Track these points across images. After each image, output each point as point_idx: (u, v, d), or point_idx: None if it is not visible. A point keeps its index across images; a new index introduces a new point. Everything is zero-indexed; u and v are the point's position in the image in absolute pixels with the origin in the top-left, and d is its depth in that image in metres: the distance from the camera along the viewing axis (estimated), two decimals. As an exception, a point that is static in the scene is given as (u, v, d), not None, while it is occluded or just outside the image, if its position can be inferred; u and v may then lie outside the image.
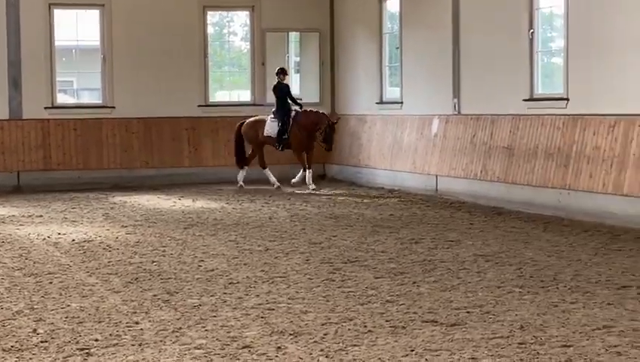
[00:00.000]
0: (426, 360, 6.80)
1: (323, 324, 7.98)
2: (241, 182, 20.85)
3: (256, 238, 13.29)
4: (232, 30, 28.11)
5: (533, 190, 16.11)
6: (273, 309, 8.63)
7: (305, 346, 7.24)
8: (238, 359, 6.90)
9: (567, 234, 13.41)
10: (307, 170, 20.34)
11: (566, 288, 9.49)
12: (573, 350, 7.06)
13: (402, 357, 6.89)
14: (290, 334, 7.64)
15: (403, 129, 20.70)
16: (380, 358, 6.85)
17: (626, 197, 14.04)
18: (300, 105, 20.67)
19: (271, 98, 21.33)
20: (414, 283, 9.87)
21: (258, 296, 9.27)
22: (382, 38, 22.08)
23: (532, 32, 16.94)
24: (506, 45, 17.42)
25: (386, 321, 8.07)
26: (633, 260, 11.12)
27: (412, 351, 7.06)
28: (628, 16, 14.46)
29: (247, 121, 20.99)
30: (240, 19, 25.29)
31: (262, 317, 8.28)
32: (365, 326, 7.88)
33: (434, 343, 7.30)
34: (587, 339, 7.39)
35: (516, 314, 8.29)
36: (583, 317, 8.15)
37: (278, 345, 7.28)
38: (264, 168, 20.92)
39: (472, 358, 6.85)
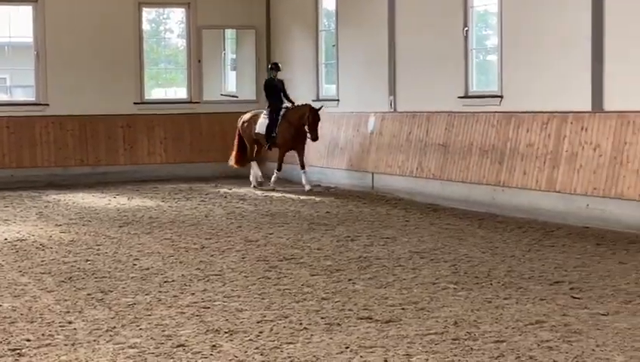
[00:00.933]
0: (361, 356, 6.81)
1: (258, 322, 7.96)
2: (254, 182, 20.10)
3: (192, 236, 13.23)
4: (168, 27, 27.99)
5: (468, 187, 16.26)
6: (208, 307, 8.59)
7: (240, 344, 7.22)
8: (173, 358, 6.86)
9: (501, 230, 13.54)
10: (302, 170, 19.53)
11: (500, 284, 9.57)
12: (506, 345, 7.11)
13: (337, 354, 6.90)
14: (226, 332, 7.62)
15: (339, 126, 20.74)
16: (314, 355, 6.85)
17: (558, 194, 14.22)
18: (292, 102, 19.80)
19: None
20: (350, 280, 9.89)
21: (193, 294, 9.23)
22: (318, 36, 22.10)
23: (467, 31, 17.08)
24: (441, 43, 17.55)
25: (322, 318, 8.08)
26: (565, 256, 11.25)
27: (347, 347, 7.07)
28: (560, 14, 14.64)
29: (244, 115, 20.57)
30: (176, 16, 25.19)
31: (197, 316, 8.25)
32: (301, 324, 7.88)
33: (369, 340, 7.31)
34: (520, 335, 7.45)
35: (450, 311, 8.34)
36: (516, 313, 8.22)
37: (213, 344, 7.25)
38: (251, 161, 20.39)
39: (407, 354, 6.87)
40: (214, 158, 22.77)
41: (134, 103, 22.67)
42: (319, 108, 19.11)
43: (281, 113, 19.50)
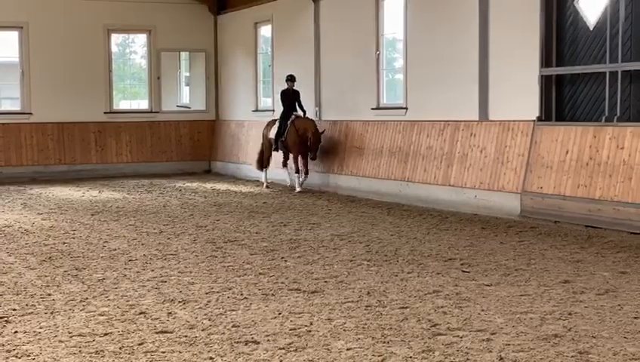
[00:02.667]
0: (291, 321, 6.78)
1: (207, 293, 7.90)
2: (265, 182, 18.77)
3: (152, 223, 13.09)
4: (133, 49, 27.74)
5: (379, 181, 16.33)
6: (165, 281, 8.51)
7: (191, 311, 7.16)
8: (135, 323, 6.77)
9: (406, 217, 13.60)
10: (298, 173, 17.78)
11: (404, 261, 9.60)
12: (409, 310, 7.13)
13: (271, 319, 6.87)
14: (180, 302, 7.54)
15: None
16: (253, 320, 6.81)
17: (452, 187, 14.34)
18: (305, 112, 18.02)
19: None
20: (282, 258, 9.86)
21: (153, 270, 9.13)
22: (257, 58, 22.06)
23: (378, 54, 17.14)
24: (358, 64, 17.60)
25: (259, 290, 8.04)
26: (457, 238, 11.34)
27: (279, 314, 7.05)
28: (453, 42, 14.75)
29: (269, 121, 19.02)
30: (140, 41, 24.97)
31: (156, 288, 8.16)
32: (242, 294, 7.83)
33: (297, 307, 7.30)
34: (420, 302, 7.48)
35: (364, 283, 8.35)
36: (417, 284, 8.25)
37: (169, 311, 7.18)
38: (265, 167, 18.72)
39: (328, 319, 6.86)
40: (171, 158, 22.98)
41: (104, 113, 22.41)
42: (322, 132, 17.34)
43: (290, 120, 17.76)
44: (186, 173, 22.62)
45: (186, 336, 6.32)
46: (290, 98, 17.98)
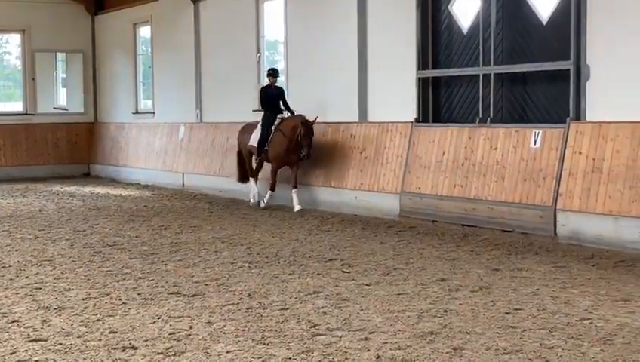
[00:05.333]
0: (170, 325, 6.71)
1: (84, 299, 7.73)
2: (254, 200, 15.22)
3: (27, 228, 12.71)
4: (7, 50, 26.91)
5: (261, 184, 16.27)
6: (41, 288, 8.28)
7: (67, 318, 6.99)
8: (8, 332, 6.56)
9: (288, 218, 13.64)
10: (293, 189, 14.39)
11: (285, 262, 9.63)
12: (289, 312, 7.16)
13: (150, 323, 6.78)
14: (55, 309, 7.35)
15: (155, 134, 20.45)
16: (131, 325, 6.71)
17: (333, 189, 14.44)
18: (292, 112, 14.61)
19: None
20: (162, 261, 9.75)
21: (27, 277, 8.86)
22: (136, 59, 21.75)
23: (259, 55, 17.14)
24: (239, 66, 17.56)
25: (138, 294, 7.92)
26: (338, 238, 11.45)
27: (159, 318, 6.96)
28: (332, 42, 14.89)
29: (243, 125, 15.75)
30: (14, 41, 24.19)
31: (30, 295, 7.92)
32: (120, 300, 7.70)
33: (177, 311, 7.22)
34: (301, 303, 7.52)
35: (245, 285, 8.33)
36: (298, 285, 8.29)
37: (44, 319, 6.98)
38: (253, 178, 15.41)
39: (208, 322, 6.82)
40: (48, 161, 22.35)
41: (-24, 115, 21.67)
42: (313, 121, 14.04)
43: (275, 124, 14.61)
44: (63, 176, 22.06)
45: (60, 344, 6.17)
46: (273, 97, 14.72)
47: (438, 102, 13.47)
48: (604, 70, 10.72)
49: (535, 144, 11.32)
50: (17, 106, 23.38)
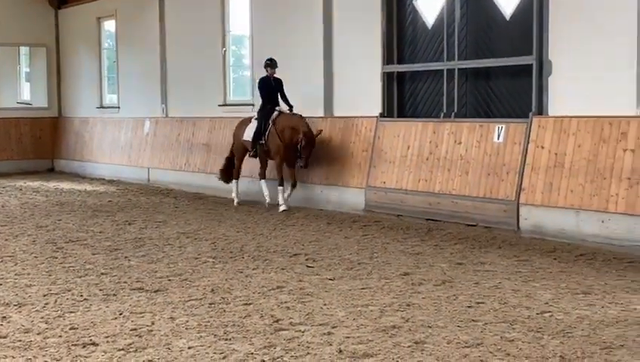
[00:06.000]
0: (132, 321, 6.66)
1: (45, 295, 7.65)
2: (269, 199, 14.11)
3: (-11, 224, 12.60)
4: (-30, 44, 26.57)
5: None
6: (1, 284, 8.17)
7: (27, 315, 6.91)
8: (-34, 330, 6.49)
9: (254, 213, 13.62)
10: (282, 186, 13.82)
11: (250, 257, 9.60)
12: (252, 307, 7.13)
13: (112, 319, 6.73)
14: (15, 305, 7.26)
15: (120, 129, 20.31)
16: (92, 322, 6.65)
17: (300, 183, 14.40)
18: (291, 106, 13.98)
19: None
20: (126, 257, 9.68)
21: (-12, 273, 8.78)
22: (101, 53, 21.59)
23: (225, 51, 17.08)
24: (205, 61, 17.48)
25: (100, 290, 7.85)
26: (303, 233, 11.45)
27: (120, 314, 6.90)
28: (297, 38, 14.86)
29: (239, 121, 14.94)
30: (-23, 35, 23.87)
31: (-10, 292, 7.85)
32: (81, 296, 7.62)
33: (139, 307, 7.17)
34: (264, 298, 7.50)
35: (209, 280, 8.29)
36: (262, 280, 8.26)
37: (4, 315, 6.89)
38: (235, 179, 14.83)
39: (171, 318, 6.78)
40: (11, 157, 22.18)
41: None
42: (317, 134, 13.36)
43: (273, 117, 13.92)
44: (27, 172, 21.84)
45: (20, 341, 6.10)
46: (271, 88, 14.10)
47: (403, 97, 13.50)
48: (566, 65, 10.80)
49: (498, 139, 11.39)
50: (-21, 101, 23.12)
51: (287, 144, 13.59)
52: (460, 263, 9.10)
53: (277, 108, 14.09)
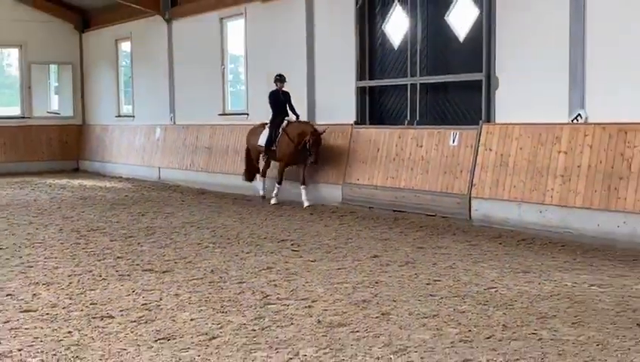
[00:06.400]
0: (143, 297, 6.66)
1: (69, 276, 7.62)
2: (263, 192, 14.25)
3: (23, 215, 12.50)
4: (8, 62, 26.54)
5: (225, 176, 16.23)
6: (32, 266, 8.15)
7: (54, 292, 6.89)
8: (2, 304, 6.45)
9: (248, 206, 13.60)
10: (302, 186, 13.38)
11: (244, 243, 9.60)
12: (245, 285, 7.14)
13: (126, 296, 6.72)
14: (44, 284, 7.24)
15: (135, 134, 20.23)
16: (109, 298, 6.64)
17: (287, 181, 14.39)
18: (298, 116, 13.79)
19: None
20: (139, 243, 9.65)
21: (21, 257, 8.72)
22: (118, 70, 21.50)
23: (223, 68, 17.04)
24: (207, 76, 17.43)
25: (116, 271, 7.84)
26: (289, 222, 11.44)
27: (133, 291, 6.89)
28: (285, 58, 14.85)
29: (250, 129, 14.71)
30: (14, 54, 23.78)
31: (23, 273, 7.80)
32: (100, 276, 7.61)
33: (149, 285, 7.16)
34: (255, 277, 7.50)
35: (209, 262, 8.29)
36: (254, 262, 8.27)
37: (34, 293, 6.88)
38: (262, 177, 14.42)
39: (176, 294, 6.77)
40: (42, 158, 22.13)
41: (-17, 118, 21.27)
42: (322, 132, 13.07)
43: (282, 126, 13.68)
44: (55, 171, 21.74)
45: (48, 314, 6.08)
46: (280, 100, 13.82)
47: (374, 108, 13.51)
48: (511, 81, 10.85)
49: (453, 142, 11.43)
50: (16, 111, 22.98)
51: (295, 148, 13.21)
52: (420, 247, 9.13)
53: (286, 118, 13.79)
